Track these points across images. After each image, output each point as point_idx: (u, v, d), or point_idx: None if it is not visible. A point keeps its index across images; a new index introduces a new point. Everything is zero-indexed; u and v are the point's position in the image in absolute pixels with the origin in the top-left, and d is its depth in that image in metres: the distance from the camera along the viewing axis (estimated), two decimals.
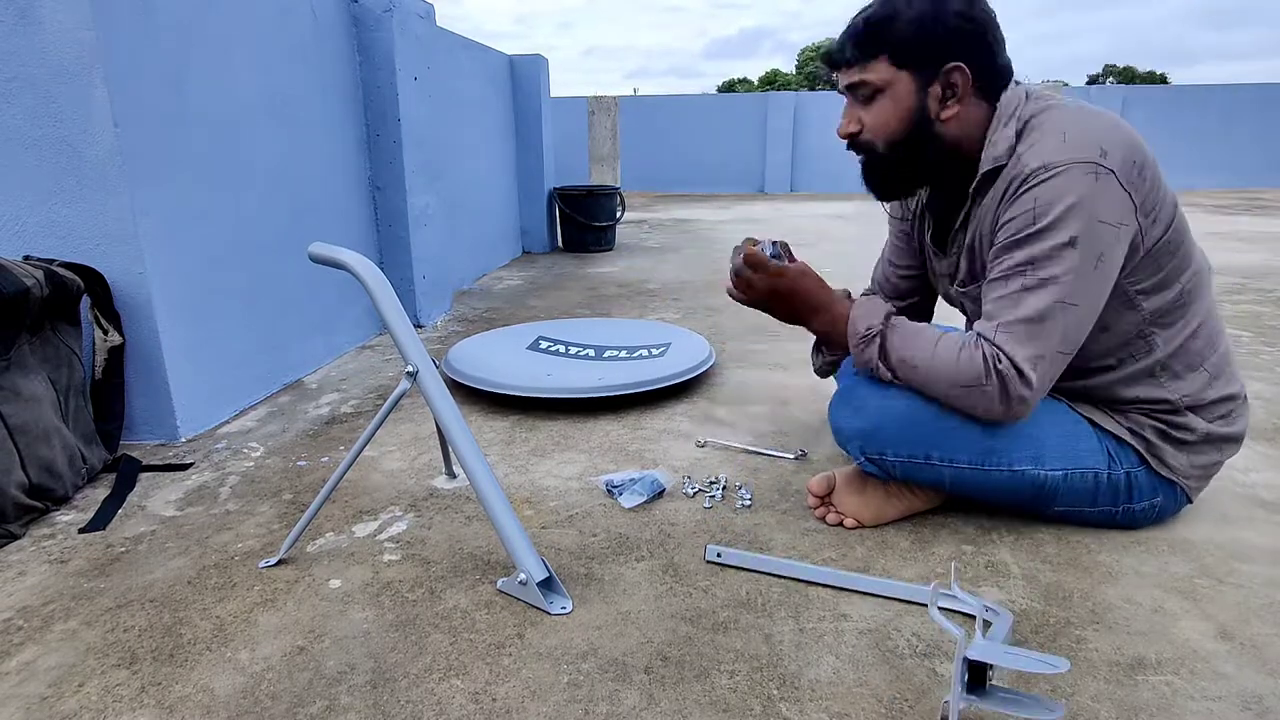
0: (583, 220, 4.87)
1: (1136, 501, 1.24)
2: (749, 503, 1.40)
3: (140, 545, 1.29)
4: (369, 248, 2.74)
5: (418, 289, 2.87)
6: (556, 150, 5.10)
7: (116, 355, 1.63)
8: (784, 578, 1.16)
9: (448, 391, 1.22)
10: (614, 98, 7.10)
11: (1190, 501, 1.29)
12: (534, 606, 1.09)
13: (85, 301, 1.58)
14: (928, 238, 1.38)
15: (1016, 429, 1.19)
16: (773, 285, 1.27)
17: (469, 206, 3.82)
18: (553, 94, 5.02)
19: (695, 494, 1.45)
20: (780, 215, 7.36)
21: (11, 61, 1.49)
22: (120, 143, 1.54)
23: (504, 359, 2.14)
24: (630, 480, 1.47)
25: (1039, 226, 1.07)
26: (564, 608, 1.09)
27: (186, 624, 1.07)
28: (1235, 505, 1.38)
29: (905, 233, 1.47)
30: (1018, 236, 1.10)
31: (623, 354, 2.20)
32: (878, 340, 1.20)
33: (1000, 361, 1.09)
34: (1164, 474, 1.22)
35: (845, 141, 1.24)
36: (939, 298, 1.50)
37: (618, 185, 5.97)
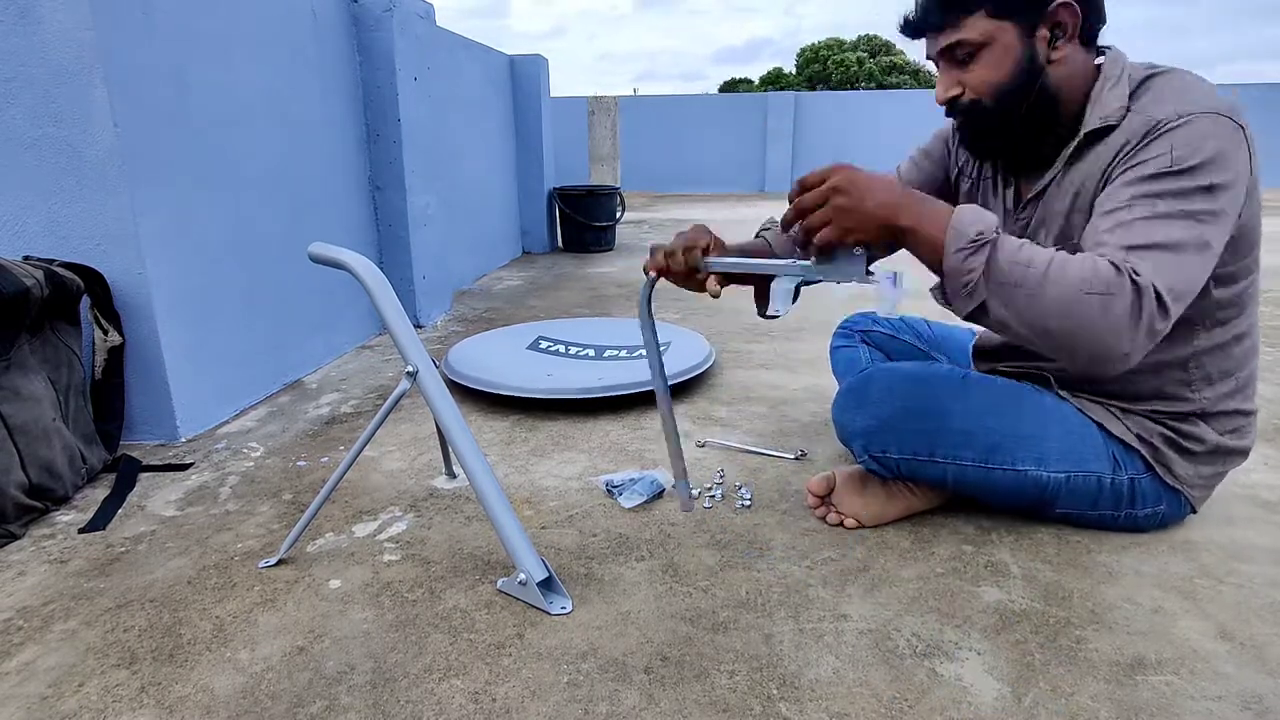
0: (583, 220, 4.87)
1: (1140, 508, 1.22)
2: (749, 503, 1.40)
3: (140, 545, 1.29)
4: (369, 248, 2.74)
5: (418, 289, 2.87)
6: (556, 150, 5.10)
7: (116, 355, 1.63)
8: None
9: (448, 391, 1.22)
10: (614, 98, 7.10)
11: (1194, 511, 1.26)
12: (534, 606, 1.09)
13: (85, 301, 1.58)
14: (1006, 196, 1.25)
15: (1021, 430, 1.18)
16: (836, 179, 0.94)
17: (469, 206, 3.82)
18: (555, 94, 5.02)
19: (697, 495, 1.45)
20: (779, 214, 7.34)
21: (11, 61, 1.49)
22: (120, 143, 1.54)
23: (504, 359, 2.14)
24: (630, 480, 1.47)
25: (1177, 168, 0.96)
26: (564, 608, 1.09)
27: (186, 624, 1.07)
28: (1235, 505, 1.38)
29: (936, 177, 1.36)
30: (1147, 174, 0.98)
31: (623, 354, 2.19)
32: (988, 249, 0.92)
33: (1139, 276, 0.91)
34: (1170, 482, 1.20)
35: (944, 107, 1.14)
36: None
37: (618, 185, 5.98)
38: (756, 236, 1.38)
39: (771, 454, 1.62)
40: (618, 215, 5.06)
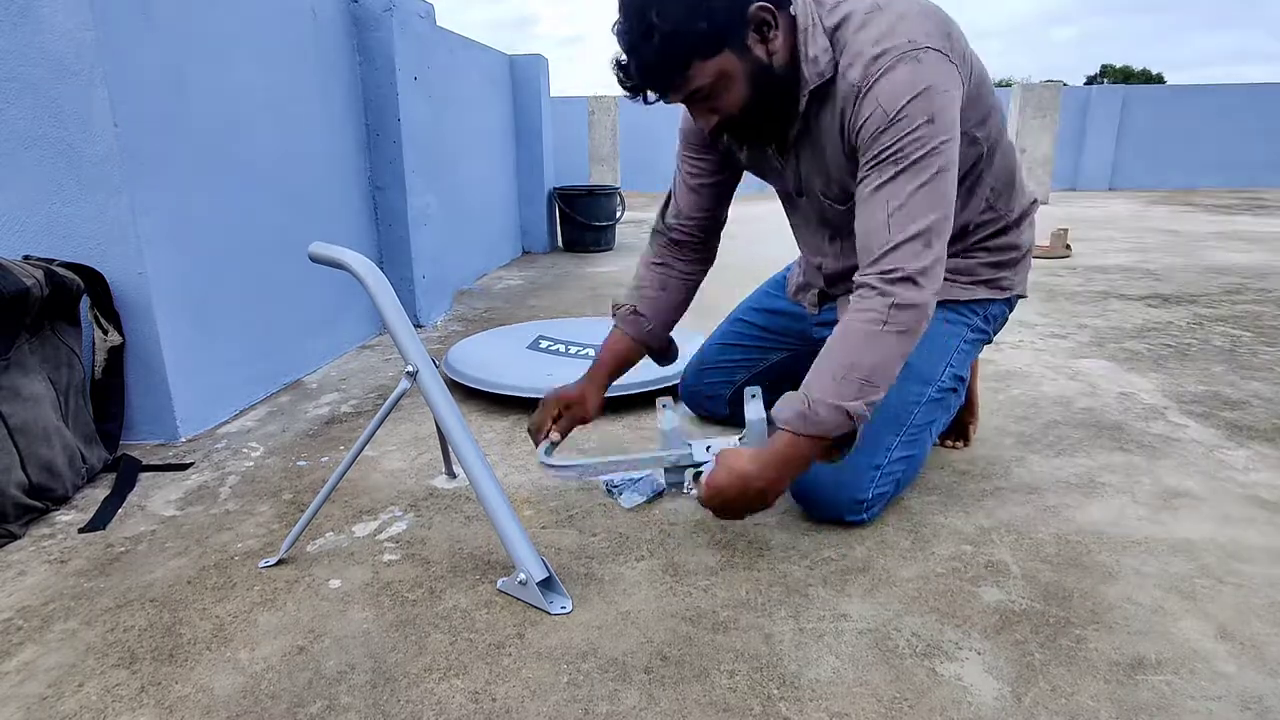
0: (583, 220, 4.87)
1: (996, 327, 1.47)
2: None
3: (140, 545, 1.29)
4: (369, 248, 2.74)
5: (418, 289, 2.87)
6: (556, 150, 5.10)
7: (116, 355, 1.63)
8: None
9: (448, 391, 1.22)
10: (614, 98, 7.09)
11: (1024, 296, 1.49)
12: (534, 606, 1.09)
13: (85, 301, 1.58)
14: (772, 155, 1.33)
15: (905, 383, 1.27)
16: (716, 512, 1.16)
17: (469, 206, 3.82)
18: (568, 94, 5.01)
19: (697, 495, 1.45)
20: (779, 214, 7.34)
21: (11, 61, 1.49)
22: (120, 143, 1.54)
23: (504, 359, 2.14)
24: (630, 480, 1.47)
25: (892, 117, 1.08)
26: (564, 608, 1.09)
27: (186, 624, 1.07)
28: (1235, 505, 1.38)
29: (706, 149, 1.40)
30: (869, 137, 1.11)
31: None
32: (860, 418, 1.11)
33: (894, 288, 1.09)
34: (1009, 297, 1.44)
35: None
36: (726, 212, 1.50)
37: (618, 185, 5.97)
38: (614, 327, 1.46)
39: None
40: (618, 215, 5.06)
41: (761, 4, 1.09)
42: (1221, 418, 1.81)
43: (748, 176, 1.44)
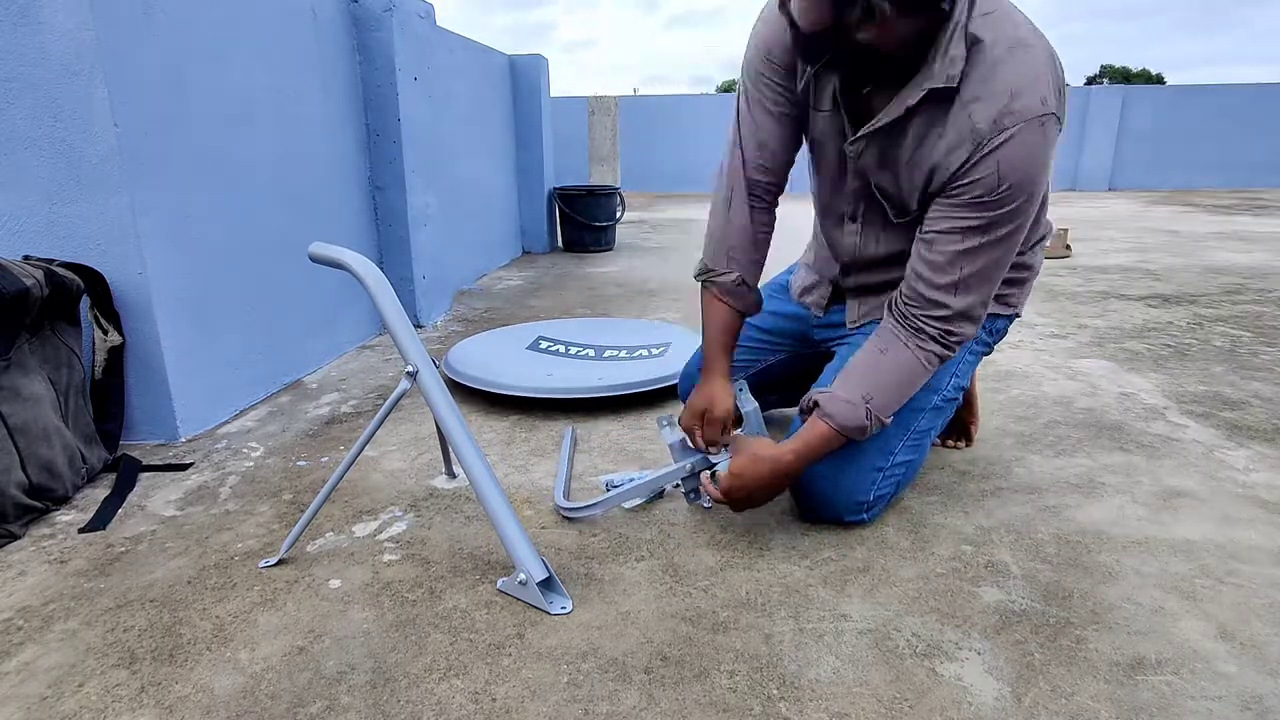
0: (583, 220, 4.87)
1: (998, 337, 1.50)
2: None
3: (140, 545, 1.29)
4: (369, 248, 2.73)
5: (418, 289, 2.87)
6: (556, 150, 5.09)
7: (116, 355, 1.63)
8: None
9: (448, 391, 1.22)
10: (614, 98, 7.09)
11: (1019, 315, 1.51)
12: (534, 606, 1.09)
13: (85, 301, 1.58)
14: (845, 121, 1.24)
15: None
16: (760, 477, 1.22)
17: (469, 206, 3.82)
18: (561, 94, 5.01)
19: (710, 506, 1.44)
20: (786, 217, 7.34)
21: (12, 61, 1.49)
22: (120, 143, 1.54)
23: (504, 359, 2.14)
24: (629, 480, 1.47)
25: (998, 196, 1.11)
26: (564, 608, 1.09)
27: (186, 624, 1.07)
28: (1235, 505, 1.38)
29: (789, 73, 1.26)
30: (970, 200, 1.13)
31: (623, 354, 2.19)
32: (874, 420, 1.22)
33: (952, 341, 1.22)
34: (1012, 314, 1.47)
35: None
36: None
37: (618, 185, 5.97)
38: (717, 299, 1.40)
39: None
40: (618, 215, 5.06)
41: None
42: (1221, 418, 1.81)
43: None
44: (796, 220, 1.54)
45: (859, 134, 1.21)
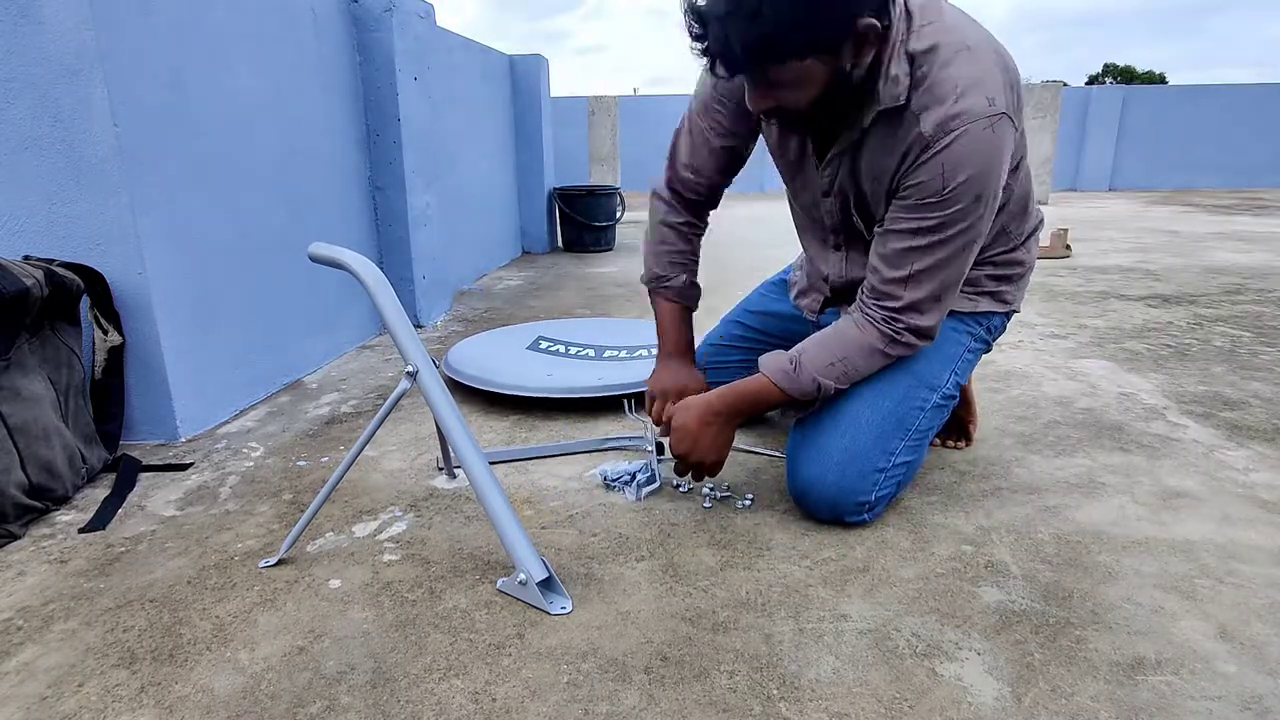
0: (583, 220, 4.87)
1: (996, 335, 1.51)
2: (750, 503, 1.40)
3: (140, 545, 1.29)
4: (369, 248, 2.73)
5: (418, 289, 2.87)
6: (556, 150, 5.09)
7: (116, 355, 1.63)
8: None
9: (448, 391, 1.22)
10: (614, 98, 7.09)
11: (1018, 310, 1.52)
12: (534, 606, 1.09)
13: (85, 301, 1.58)
14: (809, 152, 1.32)
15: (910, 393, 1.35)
16: (695, 422, 1.31)
17: (469, 206, 3.82)
18: (558, 95, 5.02)
19: (688, 490, 1.45)
20: (778, 214, 7.35)
21: (11, 61, 1.49)
22: (120, 143, 1.54)
23: (504, 359, 2.14)
24: (627, 473, 1.47)
25: (944, 195, 1.14)
26: (564, 608, 1.09)
27: (186, 624, 1.07)
28: (1235, 505, 1.38)
29: (740, 113, 1.34)
30: (919, 201, 1.16)
31: (623, 354, 2.19)
32: (799, 368, 1.29)
33: (901, 336, 1.26)
34: (1009, 310, 1.47)
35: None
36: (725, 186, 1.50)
37: (618, 185, 5.97)
38: (670, 300, 1.54)
39: (771, 454, 1.62)
40: (618, 215, 5.06)
41: (871, 20, 1.05)
42: (1221, 418, 1.81)
43: (748, 174, 1.46)
44: (788, 223, 1.56)
45: (825, 159, 1.28)
